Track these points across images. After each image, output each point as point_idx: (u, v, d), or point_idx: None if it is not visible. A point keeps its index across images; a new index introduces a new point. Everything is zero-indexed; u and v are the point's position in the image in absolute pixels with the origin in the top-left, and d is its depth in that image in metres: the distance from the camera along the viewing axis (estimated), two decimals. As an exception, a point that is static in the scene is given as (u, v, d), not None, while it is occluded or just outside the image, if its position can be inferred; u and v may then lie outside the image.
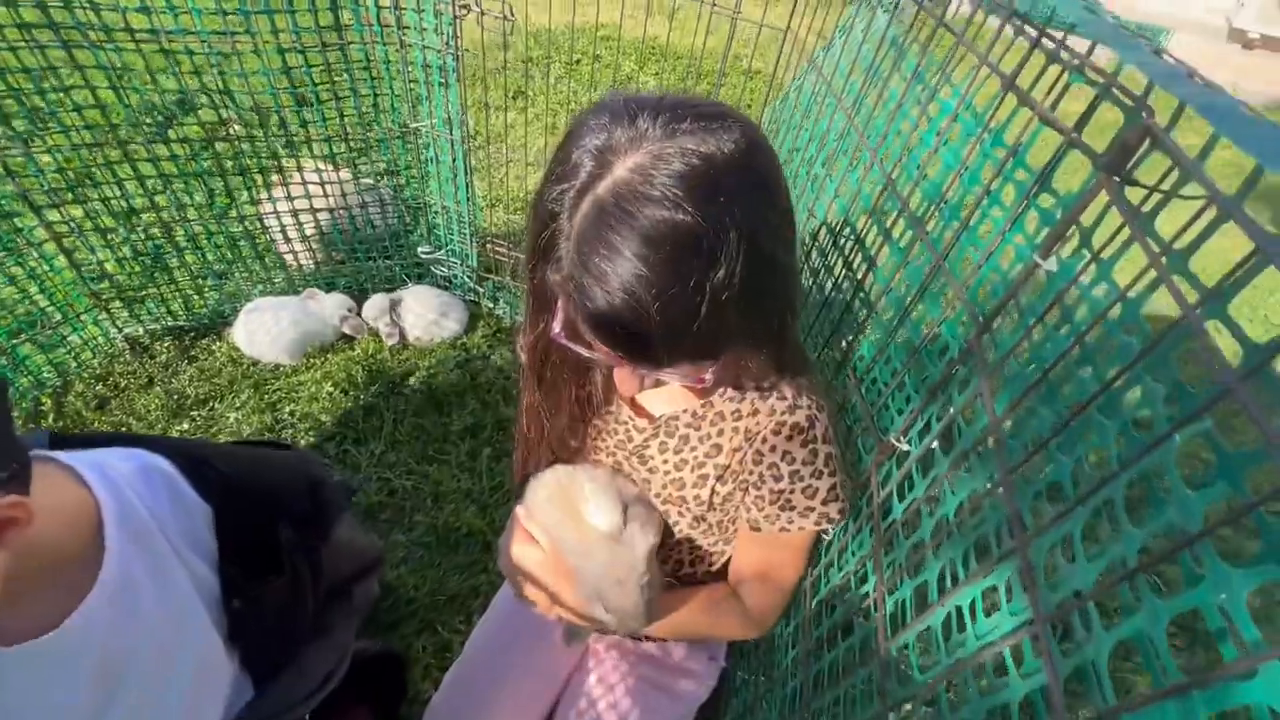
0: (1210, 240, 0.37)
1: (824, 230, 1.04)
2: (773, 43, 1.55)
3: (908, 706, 0.60)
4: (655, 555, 0.79)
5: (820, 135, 1.10)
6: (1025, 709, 0.47)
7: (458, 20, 1.44)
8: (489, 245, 2.05)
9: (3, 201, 1.47)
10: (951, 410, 0.62)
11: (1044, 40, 0.57)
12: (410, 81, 1.66)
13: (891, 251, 0.79)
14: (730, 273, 0.51)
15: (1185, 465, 0.41)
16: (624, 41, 3.88)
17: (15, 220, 1.52)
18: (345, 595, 0.99)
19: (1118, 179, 0.44)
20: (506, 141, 2.26)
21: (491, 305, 2.05)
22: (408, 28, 1.51)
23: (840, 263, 0.94)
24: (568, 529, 0.77)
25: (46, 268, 1.61)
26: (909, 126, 0.80)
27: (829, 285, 0.98)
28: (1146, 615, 0.36)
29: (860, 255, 0.87)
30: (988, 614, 0.53)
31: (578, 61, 3.69)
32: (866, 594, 0.75)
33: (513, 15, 1.40)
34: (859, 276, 0.87)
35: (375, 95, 1.70)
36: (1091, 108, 0.50)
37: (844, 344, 0.92)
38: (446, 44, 1.46)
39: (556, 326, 0.63)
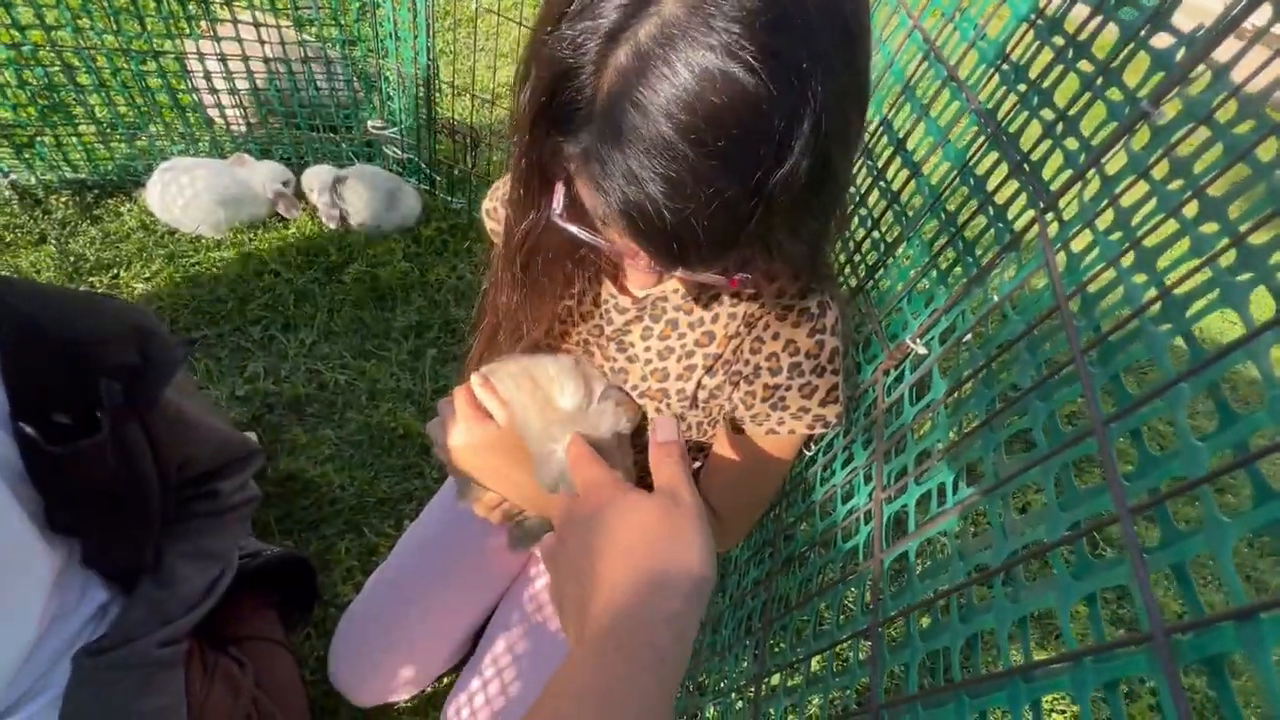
0: None
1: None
2: None
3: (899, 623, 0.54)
4: (627, 442, 0.69)
5: None
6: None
7: None
8: (453, 134, 1.84)
9: None
10: (996, 298, 0.52)
11: None
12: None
13: (929, 129, 0.68)
14: (796, 166, 0.38)
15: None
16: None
17: None
18: (210, 494, 0.86)
19: None
20: (477, 25, 2.02)
21: (449, 199, 1.86)
22: None
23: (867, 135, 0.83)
24: (531, 412, 0.65)
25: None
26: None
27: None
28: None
29: (886, 136, 0.76)
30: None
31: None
32: (853, 509, 0.68)
33: None
34: (883, 159, 0.77)
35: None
36: None
37: (859, 239, 0.81)
38: None
39: (558, 205, 0.50)
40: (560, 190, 0.50)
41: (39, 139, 1.56)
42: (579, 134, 0.41)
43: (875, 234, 0.79)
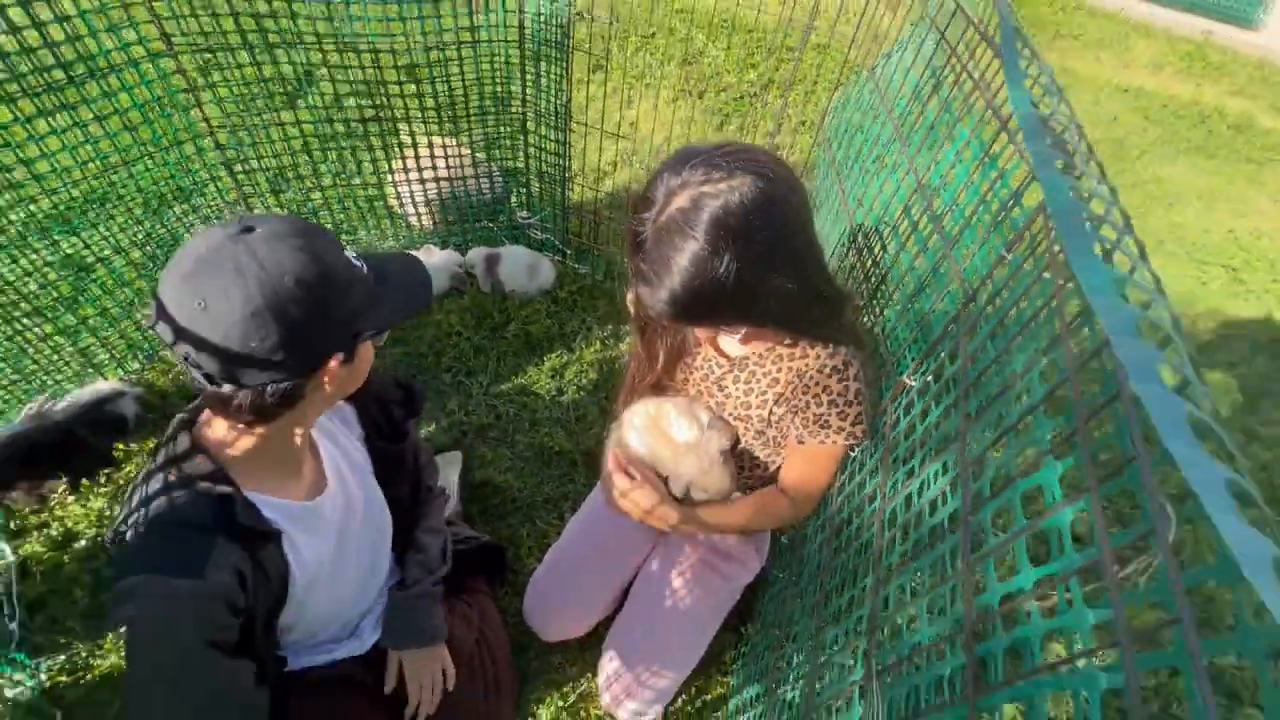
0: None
1: (869, 218, 1.29)
2: (844, 15, 1.74)
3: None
4: (730, 455, 1.10)
5: (874, 138, 1.34)
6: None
7: (572, 19, 1.71)
8: (574, 216, 2.34)
9: (211, 173, 1.85)
10: (943, 354, 0.89)
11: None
12: (525, 73, 1.94)
13: (915, 240, 1.05)
14: (725, 276, 0.83)
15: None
16: (697, 13, 4.03)
17: (215, 184, 1.91)
18: (441, 493, 1.33)
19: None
20: (587, 115, 2.50)
21: (576, 266, 2.36)
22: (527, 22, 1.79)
23: (879, 246, 1.20)
24: (660, 448, 1.08)
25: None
26: (936, 142, 1.04)
27: (869, 262, 1.24)
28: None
29: (893, 242, 1.13)
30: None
31: (652, 35, 3.88)
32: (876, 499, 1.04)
33: (616, 25, 1.65)
34: (890, 258, 1.13)
35: (495, 83, 1.99)
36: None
37: (875, 310, 1.18)
38: (559, 42, 1.73)
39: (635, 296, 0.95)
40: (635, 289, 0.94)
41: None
42: (637, 259, 0.88)
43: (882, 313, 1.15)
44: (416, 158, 2.06)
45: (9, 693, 1.28)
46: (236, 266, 0.70)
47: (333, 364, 0.80)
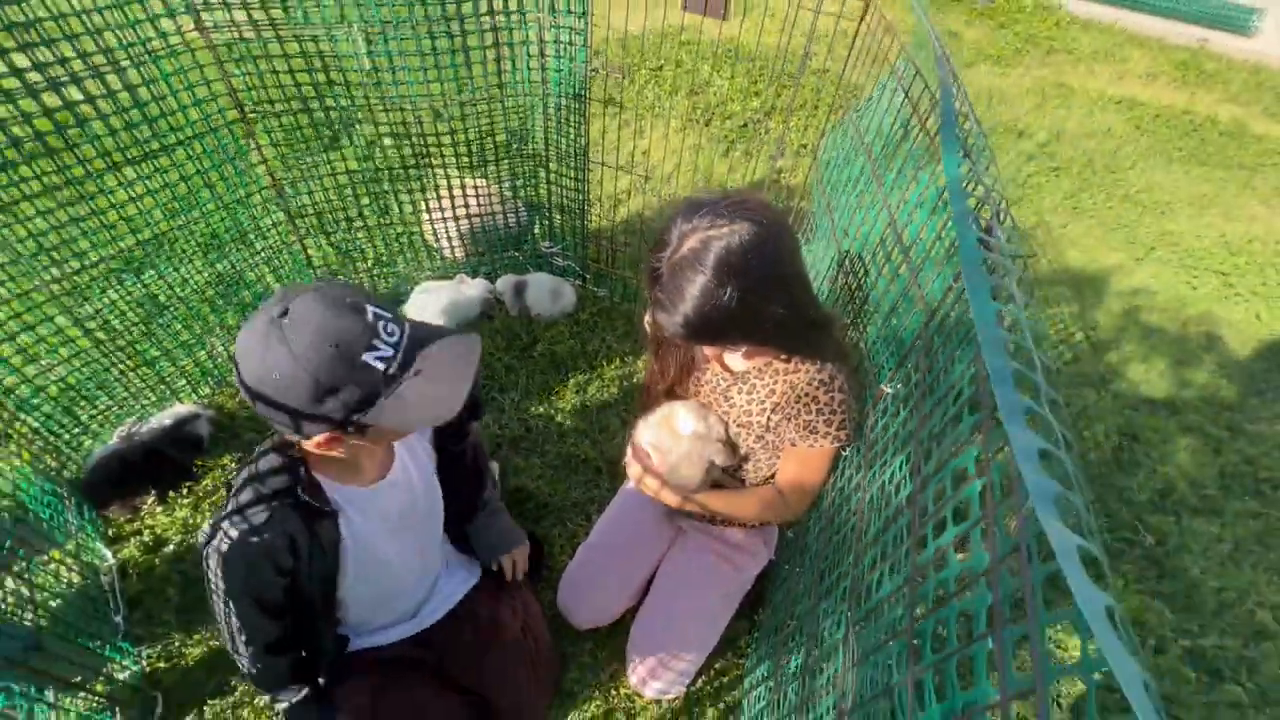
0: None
1: (854, 246, 1.48)
2: (843, 39, 1.91)
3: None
4: (724, 444, 1.29)
5: (854, 178, 1.53)
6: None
7: (589, 75, 1.92)
8: (593, 243, 2.55)
9: (272, 219, 2.09)
10: (908, 366, 1.06)
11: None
12: (548, 120, 2.16)
13: (889, 268, 1.23)
14: (729, 303, 1.03)
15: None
16: (701, 45, 4.26)
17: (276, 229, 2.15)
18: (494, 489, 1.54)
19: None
20: (604, 145, 2.72)
21: (595, 289, 2.57)
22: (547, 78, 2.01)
23: (862, 271, 1.38)
24: (664, 437, 1.27)
25: (290, 263, 2.24)
26: (904, 184, 1.22)
27: (854, 285, 1.43)
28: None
29: (873, 268, 1.32)
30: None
31: (660, 67, 4.12)
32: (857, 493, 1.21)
33: (627, 75, 1.86)
34: (870, 282, 1.32)
35: (520, 129, 2.21)
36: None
37: (861, 327, 1.36)
38: (577, 95, 1.95)
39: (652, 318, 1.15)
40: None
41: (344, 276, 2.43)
42: (655, 290, 1.07)
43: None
44: (450, 196, 2.29)
45: (118, 676, 1.48)
46: (269, 348, 0.87)
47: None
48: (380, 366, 0.93)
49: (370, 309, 0.94)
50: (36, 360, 1.71)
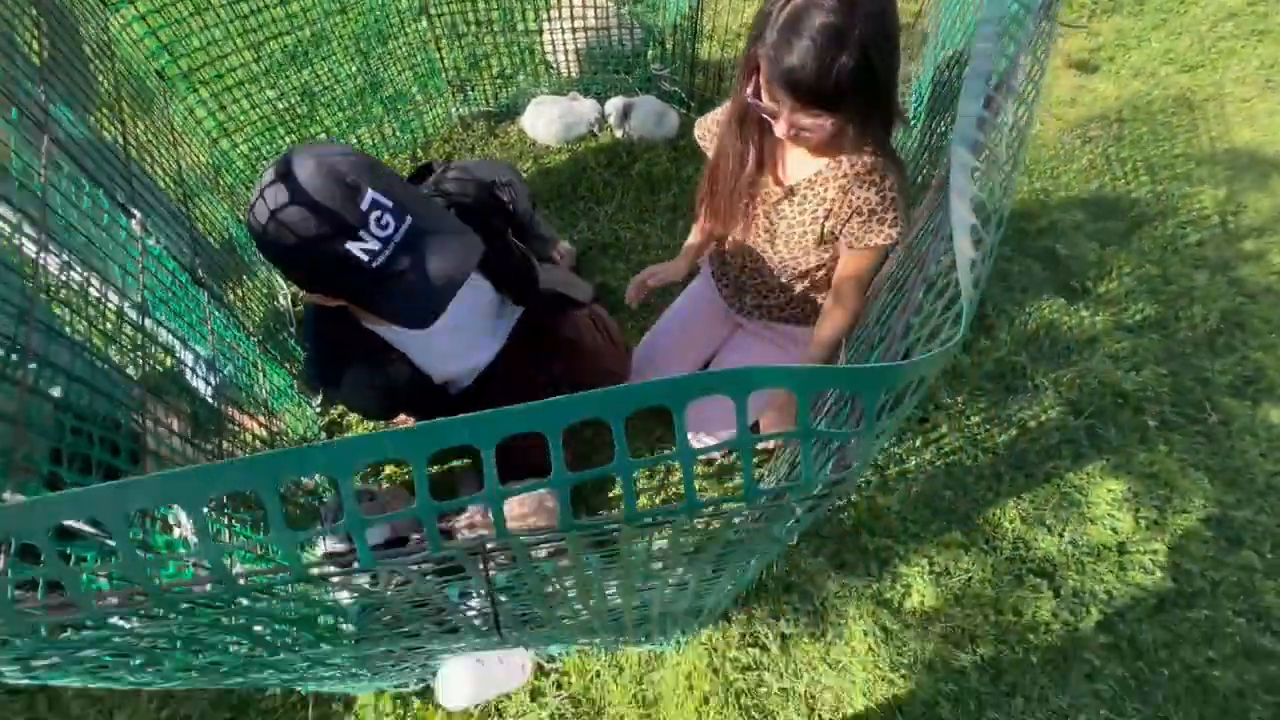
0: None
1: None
2: None
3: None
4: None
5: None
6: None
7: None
8: (701, 73, 2.58)
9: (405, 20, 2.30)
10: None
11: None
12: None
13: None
14: (853, 52, 1.06)
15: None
16: None
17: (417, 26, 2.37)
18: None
19: None
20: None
21: (698, 117, 2.63)
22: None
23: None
24: None
25: (426, 65, 2.47)
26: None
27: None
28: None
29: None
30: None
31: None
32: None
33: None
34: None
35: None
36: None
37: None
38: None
39: (749, 90, 1.23)
40: (752, 80, 1.22)
41: (472, 84, 2.65)
42: (764, 40, 1.12)
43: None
44: (570, 7, 2.38)
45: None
46: (265, 202, 0.92)
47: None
48: (364, 259, 0.91)
49: (369, 194, 0.90)
50: (230, 135, 2.12)
